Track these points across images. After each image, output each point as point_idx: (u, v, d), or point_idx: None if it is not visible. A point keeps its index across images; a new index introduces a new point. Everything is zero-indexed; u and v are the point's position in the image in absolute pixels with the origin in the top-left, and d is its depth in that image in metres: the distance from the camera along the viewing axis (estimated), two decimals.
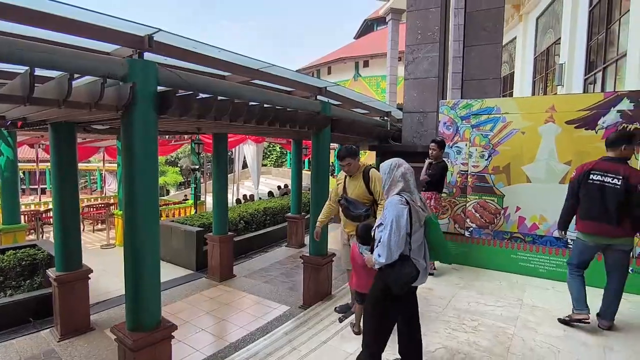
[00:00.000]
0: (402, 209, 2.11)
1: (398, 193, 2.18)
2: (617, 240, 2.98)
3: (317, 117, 4.52)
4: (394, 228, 2.08)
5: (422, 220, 2.21)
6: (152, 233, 2.75)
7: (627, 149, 2.98)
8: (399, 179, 2.21)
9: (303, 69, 27.22)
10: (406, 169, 2.23)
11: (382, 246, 2.12)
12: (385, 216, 2.14)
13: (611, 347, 2.78)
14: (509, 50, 12.77)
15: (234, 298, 5.57)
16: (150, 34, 2.76)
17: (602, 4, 6.91)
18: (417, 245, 2.21)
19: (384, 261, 2.10)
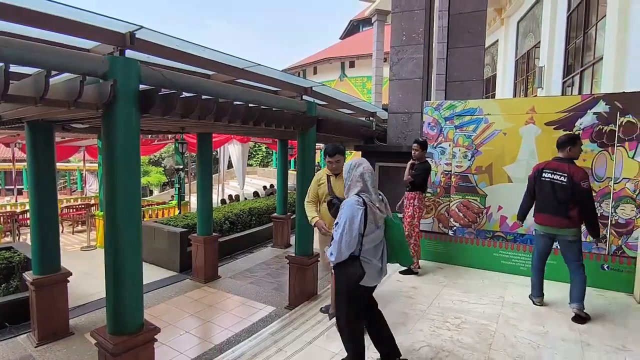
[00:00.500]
0: (358, 209, 2.16)
1: (357, 193, 2.23)
2: (563, 231, 3.32)
3: (303, 117, 4.51)
4: (346, 228, 2.13)
5: (378, 222, 2.23)
6: (134, 234, 2.70)
7: (572, 150, 3.33)
8: (358, 179, 2.25)
9: (289, 68, 27.14)
10: (365, 169, 2.26)
11: (334, 245, 2.19)
12: (341, 216, 2.19)
13: (588, 342, 2.87)
14: (492, 53, 13.03)
15: (219, 299, 5.51)
16: (132, 31, 2.71)
17: (580, 10, 7.12)
18: (372, 245, 2.25)
19: (334, 260, 2.19)
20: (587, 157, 4.04)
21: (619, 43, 5.08)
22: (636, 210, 3.80)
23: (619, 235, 3.91)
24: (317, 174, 3.55)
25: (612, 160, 3.94)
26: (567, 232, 3.30)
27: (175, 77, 2.93)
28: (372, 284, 2.30)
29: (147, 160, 23.32)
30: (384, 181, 5.88)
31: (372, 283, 2.30)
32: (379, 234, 2.29)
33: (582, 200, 3.20)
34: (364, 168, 2.28)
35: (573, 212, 3.24)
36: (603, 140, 3.98)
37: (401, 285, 4.03)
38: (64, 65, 2.27)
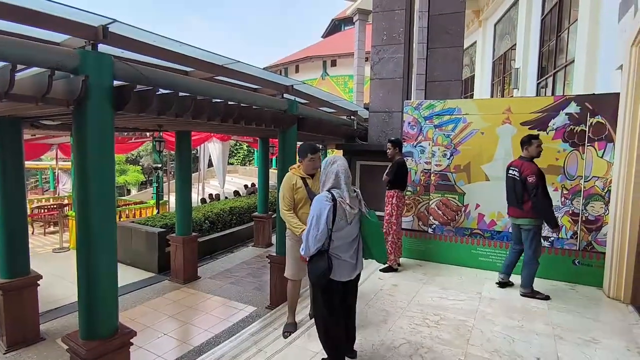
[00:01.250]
0: (326, 205, 2.20)
1: (329, 189, 2.27)
2: (519, 220, 3.75)
3: (284, 115, 4.48)
4: (313, 223, 2.20)
5: (350, 218, 2.27)
6: (108, 235, 2.61)
7: (528, 149, 3.71)
8: (331, 176, 2.30)
9: (271, 66, 26.93)
10: (339, 166, 2.31)
11: (304, 240, 2.25)
12: (311, 212, 2.24)
13: (560, 335, 2.97)
14: (470, 54, 13.31)
15: (198, 300, 5.42)
16: (105, 25, 2.61)
17: (553, 13, 7.35)
18: (345, 241, 2.30)
19: (304, 254, 2.26)
20: (560, 157, 4.18)
21: (589, 46, 5.27)
22: (605, 208, 3.96)
23: (589, 232, 4.06)
24: (289, 178, 3.18)
25: (582, 160, 4.08)
26: (521, 221, 3.73)
27: (152, 73, 2.85)
28: (343, 279, 2.33)
29: (125, 158, 22.70)
30: (366, 180, 5.92)
31: (344, 278, 2.33)
32: (352, 230, 2.33)
33: (529, 194, 3.57)
34: (339, 165, 2.33)
35: (527, 204, 3.64)
36: (574, 140, 4.12)
37: (382, 283, 4.06)
38: (29, 58, 2.16)
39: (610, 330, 3.07)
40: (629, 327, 3.12)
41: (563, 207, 4.18)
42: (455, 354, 2.69)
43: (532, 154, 3.70)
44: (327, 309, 2.37)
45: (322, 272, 2.24)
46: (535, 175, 3.55)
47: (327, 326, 2.40)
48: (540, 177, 3.59)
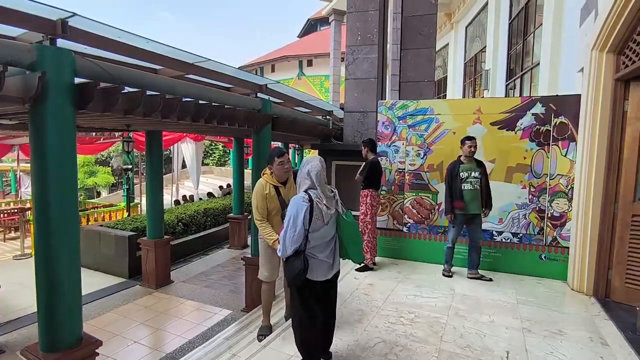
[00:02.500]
0: (302, 206, 2.20)
1: (305, 190, 2.27)
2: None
3: (258, 115, 4.41)
4: (290, 224, 2.20)
5: (326, 218, 2.28)
6: (70, 240, 2.47)
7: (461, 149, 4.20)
8: (305, 177, 2.31)
9: (246, 66, 26.62)
10: (313, 167, 2.30)
11: (281, 241, 2.27)
12: (287, 213, 2.25)
13: (529, 329, 3.06)
14: (443, 56, 13.61)
15: (171, 305, 5.27)
16: (64, 19, 2.48)
17: (520, 18, 7.62)
18: (321, 241, 2.31)
19: (281, 255, 2.27)
20: (527, 155, 4.33)
21: (553, 50, 5.49)
22: (568, 204, 4.13)
23: (554, 227, 4.22)
24: (261, 187, 3.03)
25: (548, 158, 4.24)
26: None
27: (117, 71, 2.73)
28: (320, 278, 2.33)
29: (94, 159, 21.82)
30: (341, 179, 5.92)
31: (321, 278, 2.33)
32: (329, 230, 2.34)
33: None
34: (311, 166, 2.32)
35: None
36: (540, 140, 4.27)
37: (358, 283, 4.08)
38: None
39: (575, 321, 3.20)
40: (591, 319, 3.26)
41: (531, 204, 4.33)
42: (429, 351, 2.72)
43: (465, 153, 4.15)
44: (304, 310, 2.36)
45: (298, 272, 2.24)
46: (446, 171, 4.30)
47: (303, 327, 2.39)
48: (449, 173, 4.22)
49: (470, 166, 4.15)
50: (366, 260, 4.44)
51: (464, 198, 4.10)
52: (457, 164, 4.20)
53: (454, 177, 4.15)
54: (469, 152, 4.12)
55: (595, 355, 2.68)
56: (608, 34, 3.39)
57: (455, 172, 4.16)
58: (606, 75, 3.54)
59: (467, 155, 4.15)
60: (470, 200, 4.10)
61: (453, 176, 4.16)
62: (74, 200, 2.52)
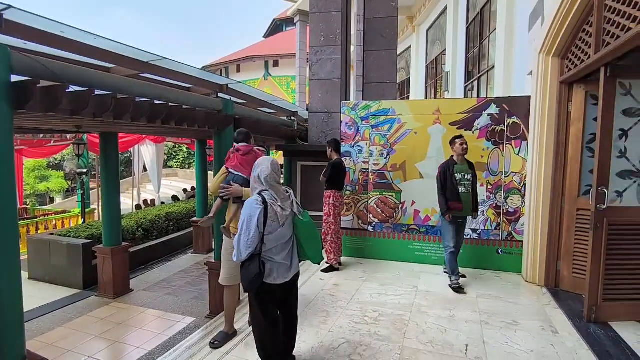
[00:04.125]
0: (256, 209, 2.17)
1: (259, 193, 2.24)
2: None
3: (218, 115, 4.29)
4: (244, 228, 2.16)
5: (282, 219, 2.24)
6: (10, 250, 2.27)
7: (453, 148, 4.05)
8: (257, 179, 2.28)
9: (211, 66, 26.00)
10: (263, 170, 2.27)
11: (235, 246, 2.20)
12: (241, 217, 2.20)
13: (486, 321, 3.18)
14: (406, 58, 13.96)
15: (130, 315, 5.01)
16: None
17: (476, 23, 7.95)
18: (278, 243, 2.27)
19: (235, 260, 2.21)
20: (484, 154, 4.51)
21: (506, 53, 5.77)
22: (522, 200, 4.34)
23: (510, 223, 4.42)
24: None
25: (503, 157, 4.44)
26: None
27: (60, 68, 2.54)
28: (278, 281, 2.29)
29: (46, 163, 20.48)
30: (307, 180, 5.91)
31: (279, 280, 2.30)
32: (285, 232, 2.30)
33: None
34: (261, 169, 2.28)
35: None
36: (496, 139, 4.46)
37: (323, 284, 4.07)
38: None
39: (528, 312, 3.37)
40: (543, 308, 3.44)
41: (488, 201, 4.51)
42: (392, 348, 2.75)
43: (458, 152, 3.96)
44: (263, 314, 2.31)
45: (253, 277, 2.19)
46: (438, 170, 4.07)
47: (263, 332, 2.34)
48: (442, 172, 3.99)
49: (463, 167, 3.98)
50: (331, 261, 4.44)
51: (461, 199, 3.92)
52: (450, 164, 3.99)
53: (449, 177, 3.93)
54: (462, 150, 3.94)
55: (546, 343, 2.82)
56: (553, 39, 3.59)
57: (449, 172, 3.94)
58: (552, 78, 3.75)
59: (460, 154, 3.96)
60: (464, 203, 3.93)
61: (447, 177, 3.94)
62: (12, 207, 2.33)
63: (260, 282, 2.20)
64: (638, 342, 2.80)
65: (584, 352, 2.69)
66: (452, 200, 3.92)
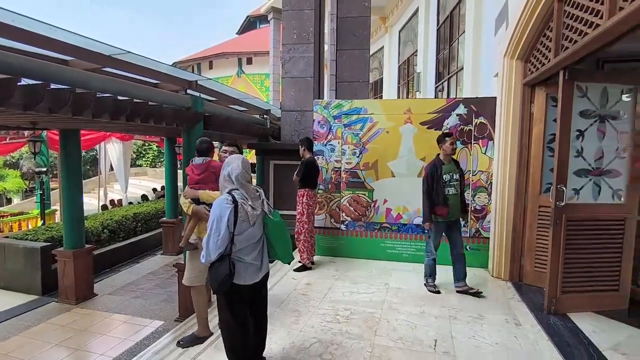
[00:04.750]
0: (226, 209, 2.12)
1: (229, 192, 2.20)
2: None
3: (187, 112, 4.18)
4: (213, 228, 2.11)
5: (252, 219, 2.22)
6: None
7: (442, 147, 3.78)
8: (227, 178, 2.23)
9: (182, 62, 25.32)
10: (233, 168, 2.23)
11: (204, 246, 2.14)
12: (211, 216, 2.15)
13: (455, 316, 3.26)
14: (379, 58, 14.12)
15: (94, 321, 4.80)
16: None
17: (446, 25, 8.15)
18: (249, 243, 2.24)
19: (204, 262, 2.14)
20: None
21: (474, 56, 5.94)
22: (488, 198, 4.49)
23: (477, 220, 4.56)
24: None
25: (471, 156, 4.57)
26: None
27: (9, 59, 2.38)
28: (248, 282, 2.26)
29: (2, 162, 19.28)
30: (280, 179, 5.86)
31: (249, 281, 2.26)
32: (255, 231, 2.27)
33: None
34: (232, 168, 2.23)
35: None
36: (464, 139, 4.58)
37: (296, 283, 4.04)
38: None
39: (494, 306, 3.48)
40: (507, 302, 3.57)
41: None
42: (363, 346, 2.77)
43: (447, 152, 3.73)
44: (232, 316, 2.26)
45: (223, 278, 2.13)
46: (425, 171, 3.83)
47: (232, 334, 2.29)
48: (430, 174, 3.72)
49: (451, 167, 3.77)
50: (304, 260, 4.42)
51: (448, 203, 3.70)
52: (437, 164, 3.74)
53: (436, 179, 3.69)
54: (451, 150, 3.73)
55: (510, 335, 2.93)
56: (517, 42, 3.72)
57: (437, 174, 3.70)
58: (516, 80, 3.89)
59: (448, 154, 3.74)
60: (452, 205, 3.73)
61: (435, 179, 3.70)
62: None
63: (230, 283, 2.15)
64: (594, 332, 2.96)
65: (544, 343, 2.81)
66: (438, 204, 3.69)
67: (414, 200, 4.73)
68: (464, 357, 2.63)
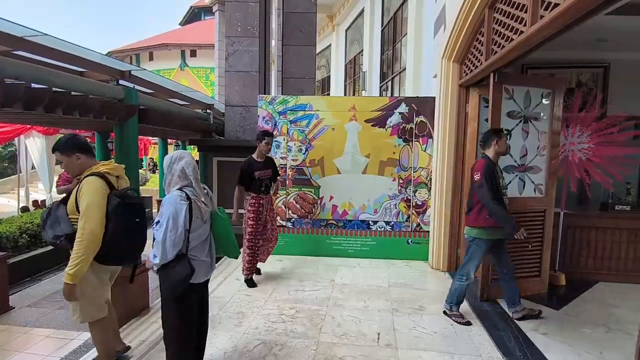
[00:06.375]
0: (181, 205, 2.02)
1: (180, 188, 2.09)
2: (465, 230, 3.14)
3: (119, 105, 3.85)
4: (170, 226, 1.98)
5: (205, 216, 2.16)
6: None
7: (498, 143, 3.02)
8: (179, 174, 2.11)
9: (118, 51, 23.58)
10: (187, 162, 2.14)
11: (157, 246, 2.01)
12: (163, 213, 2.02)
13: (397, 309, 3.36)
14: (326, 56, 14.24)
15: (9, 338, 4.25)
16: None
17: (390, 26, 8.41)
18: (200, 241, 2.17)
19: (159, 262, 2.01)
20: (396, 151, 4.76)
21: (415, 57, 6.19)
22: (428, 193, 4.69)
23: (418, 215, 4.76)
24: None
25: (412, 153, 4.74)
26: (466, 231, 3.12)
27: None
28: (201, 279, 2.19)
29: None
30: (224, 176, 5.64)
31: (202, 279, 2.20)
32: (206, 228, 2.20)
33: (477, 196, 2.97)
34: (186, 162, 2.12)
35: (474, 209, 3.02)
36: (406, 136, 4.75)
37: (240, 284, 3.91)
38: None
39: (433, 297, 3.64)
40: (445, 292, 3.74)
41: (400, 194, 4.78)
42: (308, 345, 2.74)
43: (502, 150, 3.06)
44: (183, 322, 2.13)
45: (184, 277, 2.03)
46: (481, 172, 2.93)
47: (182, 343, 2.14)
48: (489, 175, 2.92)
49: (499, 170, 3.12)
50: None
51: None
52: (492, 165, 2.99)
53: (496, 185, 2.94)
54: (505, 149, 3.09)
55: (447, 323, 3.08)
56: (453, 45, 3.92)
57: (496, 177, 2.99)
58: (453, 81, 4.10)
59: (501, 152, 3.06)
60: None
61: (495, 183, 2.95)
62: None
63: (187, 283, 2.04)
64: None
65: (477, 329, 2.99)
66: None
67: (359, 196, 4.83)
68: (405, 348, 2.71)
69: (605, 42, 4.00)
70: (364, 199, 4.85)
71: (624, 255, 3.96)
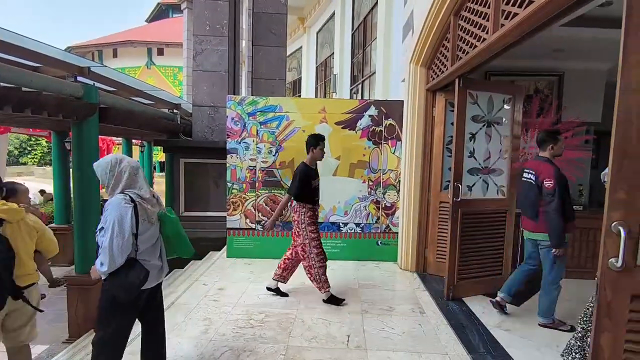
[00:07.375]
0: (126, 208, 1.94)
1: (122, 191, 2.01)
2: (535, 235, 3.05)
3: (76, 103, 3.64)
4: (116, 231, 1.90)
5: (152, 218, 2.09)
6: None
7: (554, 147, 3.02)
8: (122, 176, 2.03)
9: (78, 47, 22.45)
10: (128, 163, 2.07)
11: (103, 253, 1.91)
12: (107, 219, 1.93)
13: (367, 310, 3.38)
14: (297, 58, 14.22)
15: None
16: None
17: (360, 30, 8.52)
18: (149, 244, 2.10)
19: (107, 269, 1.91)
20: (366, 153, 4.81)
21: (384, 61, 6.30)
22: (397, 195, 4.77)
23: (387, 216, 4.82)
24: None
25: (381, 155, 4.81)
26: (538, 237, 3.02)
27: None
28: (152, 284, 2.11)
29: None
30: (191, 178, 5.48)
31: (153, 283, 2.12)
32: (155, 230, 2.13)
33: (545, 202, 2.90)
34: (127, 162, 2.05)
35: (539, 214, 2.98)
36: (375, 139, 4.81)
37: (207, 289, 3.80)
38: None
39: (402, 297, 3.70)
40: (413, 292, 3.82)
41: (369, 196, 4.83)
42: (277, 350, 2.69)
43: (556, 153, 3.03)
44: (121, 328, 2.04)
45: (139, 282, 1.96)
46: (554, 179, 2.86)
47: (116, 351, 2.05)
48: (564, 183, 2.89)
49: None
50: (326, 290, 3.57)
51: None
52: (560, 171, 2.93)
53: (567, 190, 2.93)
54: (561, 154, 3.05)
55: (415, 323, 3.13)
56: (420, 50, 4.01)
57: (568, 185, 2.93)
58: (420, 86, 4.20)
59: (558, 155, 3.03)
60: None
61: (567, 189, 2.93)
62: None
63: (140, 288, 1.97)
64: (483, 312, 3.32)
65: (444, 327, 3.06)
66: (571, 219, 2.96)
67: (329, 198, 4.82)
68: (374, 349, 2.73)
69: (561, 51, 4.23)
70: (335, 200, 4.85)
71: (577, 254, 4.19)
